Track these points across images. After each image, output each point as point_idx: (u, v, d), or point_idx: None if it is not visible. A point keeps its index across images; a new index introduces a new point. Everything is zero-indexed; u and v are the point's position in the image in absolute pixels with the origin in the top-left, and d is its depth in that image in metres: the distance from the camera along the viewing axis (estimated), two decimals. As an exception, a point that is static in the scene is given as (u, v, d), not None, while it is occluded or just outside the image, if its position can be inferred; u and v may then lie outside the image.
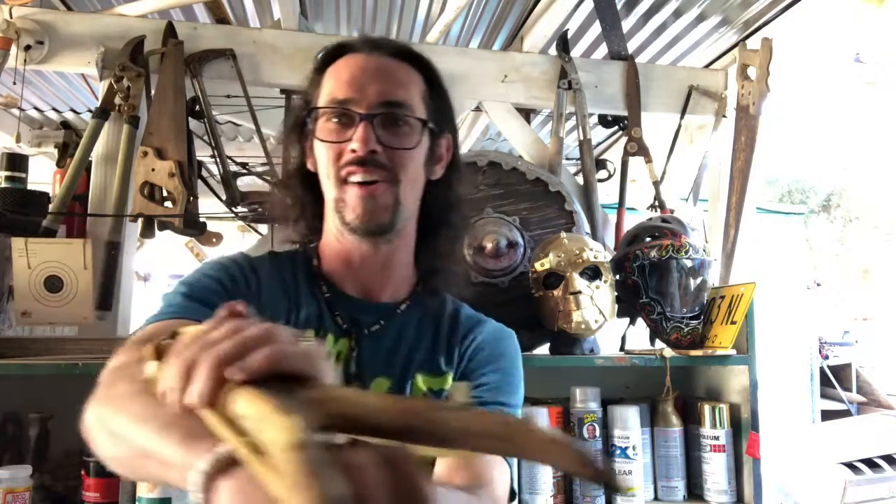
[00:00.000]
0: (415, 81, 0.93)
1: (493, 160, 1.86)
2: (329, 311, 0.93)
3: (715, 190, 2.25)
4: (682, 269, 1.67)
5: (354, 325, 0.93)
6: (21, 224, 1.67)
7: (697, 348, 1.64)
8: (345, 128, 0.87)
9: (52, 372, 1.39)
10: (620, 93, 2.17)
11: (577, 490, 1.57)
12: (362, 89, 0.87)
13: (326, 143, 0.88)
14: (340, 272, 0.95)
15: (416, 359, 0.93)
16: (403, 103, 0.89)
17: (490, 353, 0.96)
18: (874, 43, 2.28)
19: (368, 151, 0.85)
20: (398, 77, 0.91)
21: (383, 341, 0.93)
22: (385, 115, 0.87)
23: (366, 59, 0.91)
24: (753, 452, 1.57)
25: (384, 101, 0.88)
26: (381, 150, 0.86)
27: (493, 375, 0.94)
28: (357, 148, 0.85)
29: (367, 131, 0.85)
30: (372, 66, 0.90)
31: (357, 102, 0.87)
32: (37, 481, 1.40)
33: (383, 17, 2.40)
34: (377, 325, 0.94)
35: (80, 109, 3.19)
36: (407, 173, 0.89)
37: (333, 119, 0.88)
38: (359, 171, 0.86)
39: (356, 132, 0.86)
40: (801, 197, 13.87)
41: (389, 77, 0.90)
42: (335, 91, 0.89)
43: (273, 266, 0.96)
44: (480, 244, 1.77)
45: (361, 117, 0.86)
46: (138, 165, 1.74)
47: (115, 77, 1.80)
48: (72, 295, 1.61)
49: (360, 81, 0.88)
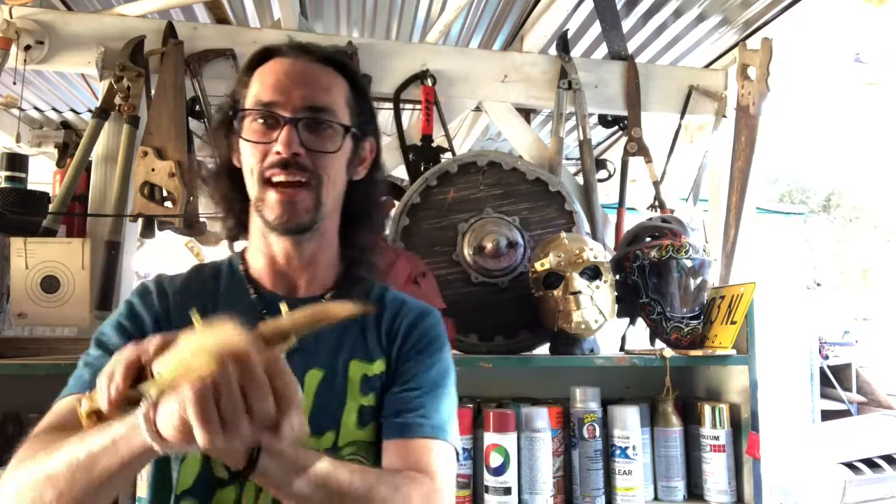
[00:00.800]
0: (338, 86, 0.96)
1: (493, 160, 1.86)
2: (256, 311, 0.95)
3: (715, 190, 2.25)
4: (682, 269, 1.67)
5: None
6: (21, 224, 1.67)
7: (697, 348, 1.64)
8: (270, 129, 0.91)
9: (52, 372, 1.38)
10: (620, 93, 2.18)
11: (577, 490, 1.57)
12: (288, 93, 0.91)
13: (251, 143, 0.91)
14: (266, 272, 0.98)
15: (345, 345, 0.95)
16: (327, 108, 0.92)
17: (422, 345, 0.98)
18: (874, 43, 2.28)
19: (292, 154, 0.88)
20: (322, 82, 0.94)
21: (308, 333, 0.94)
22: (309, 120, 0.91)
23: (292, 64, 0.94)
24: (753, 452, 1.57)
25: (308, 106, 0.91)
26: (304, 152, 0.89)
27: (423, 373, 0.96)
28: (281, 150, 0.88)
29: (291, 134, 0.89)
30: (298, 71, 0.93)
31: (282, 105, 0.90)
32: (37, 481, 1.40)
33: (383, 17, 2.39)
34: None
35: (80, 109, 3.19)
36: (328, 175, 0.92)
37: (259, 120, 0.91)
38: (281, 173, 0.89)
39: (281, 135, 0.89)
40: (801, 197, 13.88)
41: (314, 82, 0.93)
42: (261, 93, 0.92)
43: (192, 279, 0.99)
44: (480, 244, 1.77)
45: (286, 120, 0.89)
46: (138, 165, 1.74)
47: (115, 77, 1.80)
48: (68, 296, 1.61)
49: (286, 85, 0.91)
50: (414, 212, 1.83)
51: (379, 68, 1.99)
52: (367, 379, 0.94)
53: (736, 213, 2.09)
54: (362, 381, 0.94)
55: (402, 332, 0.98)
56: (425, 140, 1.99)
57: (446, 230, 1.82)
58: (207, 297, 0.96)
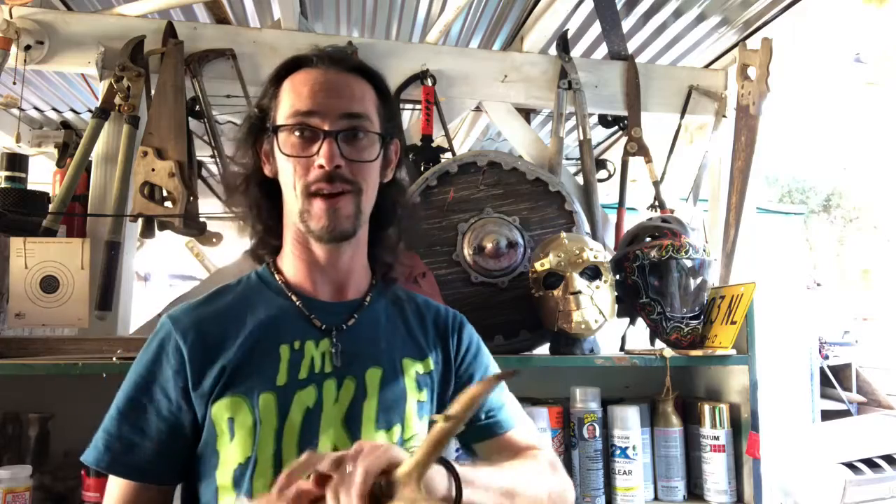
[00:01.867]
0: (369, 94, 0.99)
1: (493, 160, 1.86)
2: (303, 316, 0.98)
3: (715, 190, 2.25)
4: (682, 269, 1.66)
5: (331, 325, 0.98)
6: (21, 224, 1.67)
7: (697, 348, 1.64)
8: (308, 143, 0.93)
9: (52, 372, 1.39)
10: (620, 93, 2.17)
11: (577, 490, 1.57)
12: (324, 106, 0.93)
13: (293, 157, 0.93)
14: (307, 279, 1.00)
15: (396, 345, 1.01)
16: (362, 118, 0.95)
17: (475, 351, 1.09)
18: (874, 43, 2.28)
19: (334, 167, 0.91)
20: (356, 93, 0.97)
21: (360, 334, 0.99)
22: (347, 132, 0.93)
23: (323, 75, 0.96)
24: (753, 452, 1.57)
25: (346, 117, 0.94)
26: (344, 164, 0.92)
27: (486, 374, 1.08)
28: (324, 163, 0.91)
29: (332, 147, 0.91)
30: (330, 82, 0.95)
31: (321, 119, 0.93)
32: (37, 481, 1.40)
33: (383, 17, 2.39)
34: (351, 319, 1.00)
35: (80, 109, 3.19)
36: (367, 183, 0.96)
37: (296, 133, 0.93)
38: (326, 186, 0.92)
39: (322, 148, 0.91)
40: (801, 197, 13.88)
41: (348, 93, 0.96)
42: (297, 105, 0.94)
43: (216, 303, 1.00)
44: (480, 244, 1.77)
45: (326, 134, 0.92)
46: (138, 165, 1.74)
47: (115, 77, 1.80)
48: (67, 296, 1.61)
49: (321, 97, 0.93)
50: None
51: (379, 68, 1.97)
52: (420, 376, 1.00)
53: (736, 213, 2.09)
54: (416, 378, 1.00)
55: (450, 337, 1.06)
56: (425, 140, 1.99)
57: (446, 230, 1.82)
58: (239, 313, 0.98)
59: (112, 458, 0.91)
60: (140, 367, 0.95)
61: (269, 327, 0.96)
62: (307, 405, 0.91)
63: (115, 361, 1.38)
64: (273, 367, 0.93)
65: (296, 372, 0.93)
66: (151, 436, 0.91)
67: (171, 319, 0.97)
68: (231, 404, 0.90)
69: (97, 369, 1.37)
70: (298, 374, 0.93)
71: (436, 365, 1.02)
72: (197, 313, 0.97)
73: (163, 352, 0.94)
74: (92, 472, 1.39)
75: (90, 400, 1.50)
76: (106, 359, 1.40)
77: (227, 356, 0.92)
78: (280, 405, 0.90)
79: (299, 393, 0.92)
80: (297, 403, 0.91)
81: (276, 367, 0.92)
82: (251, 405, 0.90)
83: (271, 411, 0.90)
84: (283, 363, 0.93)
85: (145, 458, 0.91)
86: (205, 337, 0.94)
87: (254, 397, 0.90)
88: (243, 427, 0.89)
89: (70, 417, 1.52)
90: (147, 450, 0.91)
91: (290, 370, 0.93)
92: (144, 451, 0.91)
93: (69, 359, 1.41)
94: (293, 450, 0.89)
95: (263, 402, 0.90)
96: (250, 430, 0.89)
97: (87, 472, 1.40)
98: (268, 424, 0.89)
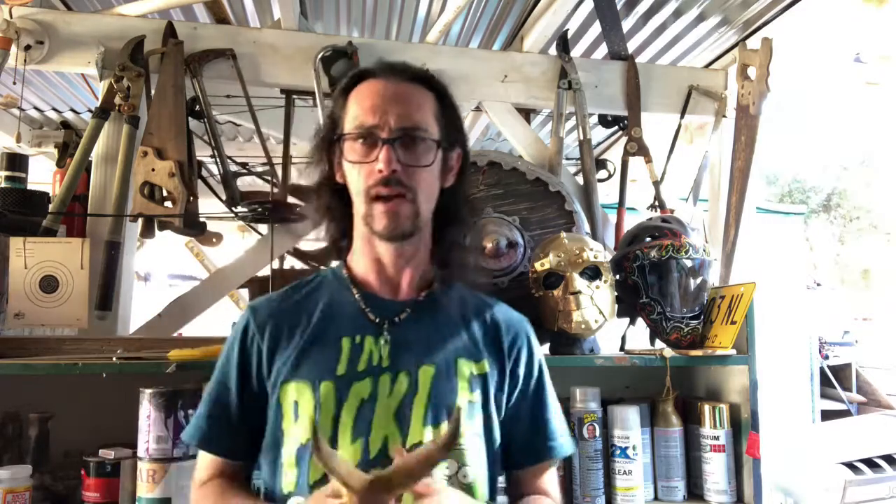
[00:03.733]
0: (428, 103, 1.05)
1: (493, 160, 1.86)
2: (360, 310, 1.06)
3: (715, 190, 2.25)
4: (682, 269, 1.66)
5: (384, 318, 1.05)
6: (21, 224, 1.67)
7: (697, 348, 1.64)
8: (369, 149, 1.00)
9: (52, 372, 1.39)
10: (620, 93, 2.17)
11: (577, 490, 1.57)
12: (384, 114, 1.00)
13: (355, 163, 1.01)
14: (372, 274, 1.08)
15: (452, 344, 1.05)
16: (419, 126, 1.02)
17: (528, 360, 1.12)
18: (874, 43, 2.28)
19: (391, 171, 0.98)
20: (414, 101, 1.03)
21: (413, 331, 1.05)
22: (404, 138, 1.00)
23: (384, 85, 1.03)
24: (753, 452, 1.57)
25: (404, 124, 1.00)
26: (401, 168, 0.99)
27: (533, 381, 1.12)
28: (382, 168, 0.98)
29: (389, 153, 0.98)
30: (390, 92, 1.02)
31: (380, 127, 1.00)
32: (37, 481, 1.40)
33: (383, 17, 2.40)
34: (404, 312, 1.06)
35: (80, 109, 3.19)
36: (423, 187, 1.02)
37: (359, 141, 1.01)
38: (384, 189, 0.99)
39: (380, 154, 0.98)
40: (801, 197, 13.88)
41: (406, 101, 1.02)
42: (360, 116, 1.01)
43: (290, 295, 1.10)
44: (480, 244, 1.77)
45: (384, 141, 0.99)
46: (138, 165, 1.74)
47: (115, 77, 1.80)
48: (66, 295, 1.61)
49: (381, 107, 1.00)
50: (414, 212, 1.82)
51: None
52: (474, 377, 1.04)
53: (736, 213, 2.09)
54: (470, 379, 1.03)
55: (509, 344, 1.09)
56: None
57: (446, 230, 1.81)
58: (311, 306, 1.07)
59: (201, 437, 1.04)
60: (224, 354, 1.08)
61: (333, 319, 1.05)
62: (362, 396, 0.98)
63: (115, 361, 1.38)
64: (334, 357, 1.01)
65: (355, 364, 1.00)
66: (233, 416, 1.03)
67: (252, 311, 1.08)
68: (297, 388, 0.99)
69: (97, 369, 1.37)
70: (357, 366, 1.00)
71: (491, 368, 1.06)
72: (274, 306, 1.08)
73: (243, 340, 1.05)
74: (92, 472, 1.39)
75: (90, 400, 1.51)
76: (106, 359, 1.40)
77: (296, 344, 1.02)
78: (338, 394, 0.98)
79: (356, 384, 0.99)
80: (353, 394, 0.98)
81: (336, 358, 1.01)
82: (313, 391, 0.98)
83: (330, 399, 0.97)
84: (344, 354, 1.01)
85: (228, 436, 1.03)
86: (279, 327, 1.04)
87: (315, 384, 0.98)
88: (306, 411, 0.98)
89: (70, 417, 1.53)
90: (230, 429, 1.03)
91: (350, 362, 1.00)
92: (227, 429, 1.03)
93: (69, 359, 1.41)
94: (348, 437, 0.96)
95: (324, 390, 0.98)
96: (311, 415, 0.97)
97: (87, 472, 1.40)
98: (326, 411, 0.97)
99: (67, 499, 1.45)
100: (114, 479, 1.39)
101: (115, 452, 1.40)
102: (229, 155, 2.02)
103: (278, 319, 1.05)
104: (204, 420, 1.05)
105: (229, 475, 1.05)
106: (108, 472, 1.39)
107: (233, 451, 1.05)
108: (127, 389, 1.37)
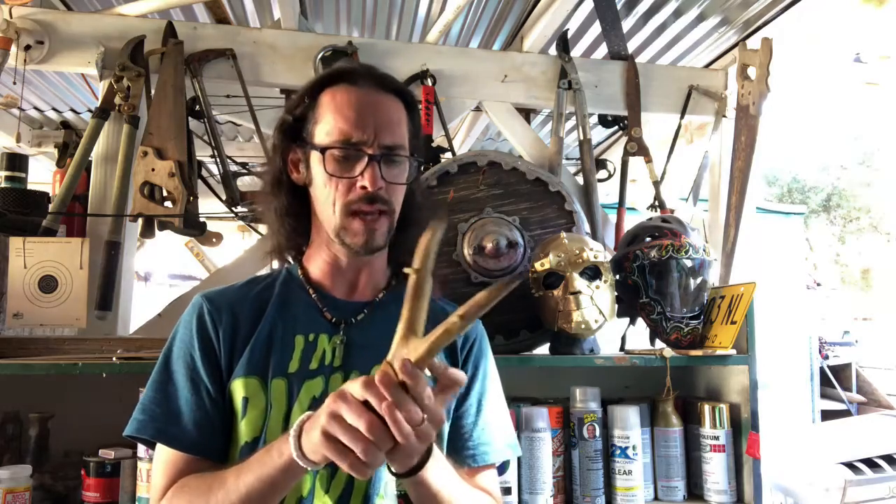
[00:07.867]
0: (404, 117, 1.05)
1: (493, 160, 1.86)
2: (317, 309, 1.05)
3: (715, 190, 2.25)
4: (682, 269, 1.66)
5: (341, 319, 1.04)
6: (21, 224, 1.67)
7: (697, 348, 1.64)
8: (352, 164, 0.99)
9: (52, 372, 1.39)
10: (620, 93, 2.17)
11: (577, 490, 1.57)
12: (370, 130, 0.99)
13: (338, 178, 0.99)
14: (328, 277, 1.07)
15: None
16: (401, 145, 1.02)
17: (475, 360, 1.10)
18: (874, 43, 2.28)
19: (377, 189, 0.98)
20: (395, 117, 1.03)
21: (370, 331, 1.04)
22: (389, 157, 1.00)
23: (366, 96, 1.01)
24: (753, 452, 1.57)
25: (387, 142, 1.00)
26: (385, 186, 0.99)
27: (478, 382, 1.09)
28: (367, 185, 0.97)
29: (376, 171, 0.98)
30: (374, 105, 1.01)
31: (366, 143, 0.98)
32: (37, 481, 1.40)
33: (383, 17, 2.40)
34: (361, 314, 1.06)
35: (80, 109, 3.19)
36: (398, 201, 1.04)
37: (341, 154, 0.99)
38: (366, 206, 0.99)
39: (366, 171, 0.98)
40: (801, 197, 13.88)
41: (388, 117, 1.02)
42: (344, 128, 0.99)
43: (244, 290, 1.08)
44: (480, 244, 1.77)
45: (371, 158, 0.98)
46: (138, 165, 1.74)
47: (115, 77, 1.80)
48: (66, 295, 1.61)
49: (367, 121, 0.99)
50: (414, 212, 1.82)
51: (379, 68, 1.98)
52: (428, 378, 1.01)
53: (736, 213, 2.09)
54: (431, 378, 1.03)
55: (461, 344, 1.07)
56: (425, 140, 1.99)
57: (446, 230, 1.81)
58: (265, 302, 1.05)
59: (154, 428, 0.96)
60: (175, 342, 1.02)
61: (288, 317, 1.03)
62: (314, 394, 0.97)
63: (115, 361, 1.38)
64: (288, 354, 1.00)
65: (307, 362, 1.00)
66: (184, 407, 0.97)
67: (206, 299, 1.03)
68: (247, 384, 0.97)
69: (97, 369, 1.37)
70: (310, 364, 1.00)
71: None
72: (230, 296, 1.05)
73: (201, 328, 1.01)
74: (92, 471, 1.39)
75: (90, 400, 1.51)
76: (106, 359, 1.40)
77: (250, 339, 1.00)
78: (289, 391, 0.97)
79: (308, 382, 0.98)
80: (305, 391, 0.97)
81: (290, 355, 1.00)
82: (265, 388, 0.97)
83: (282, 396, 0.97)
84: (297, 352, 1.00)
85: (182, 427, 0.96)
86: (233, 318, 1.01)
87: (268, 381, 0.97)
88: (256, 408, 0.96)
89: (70, 417, 1.53)
90: (182, 421, 0.96)
91: (303, 359, 1.00)
92: (179, 420, 0.96)
93: (69, 359, 1.41)
94: None
95: (275, 387, 0.97)
96: (262, 412, 0.96)
97: (87, 472, 1.40)
98: (278, 408, 0.96)
99: (67, 499, 1.45)
100: (114, 479, 1.39)
101: (115, 452, 1.40)
102: (229, 155, 2.02)
103: (233, 310, 1.02)
104: (152, 409, 0.96)
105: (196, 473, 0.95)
106: (108, 472, 1.39)
107: (199, 445, 0.96)
108: (127, 389, 1.37)
